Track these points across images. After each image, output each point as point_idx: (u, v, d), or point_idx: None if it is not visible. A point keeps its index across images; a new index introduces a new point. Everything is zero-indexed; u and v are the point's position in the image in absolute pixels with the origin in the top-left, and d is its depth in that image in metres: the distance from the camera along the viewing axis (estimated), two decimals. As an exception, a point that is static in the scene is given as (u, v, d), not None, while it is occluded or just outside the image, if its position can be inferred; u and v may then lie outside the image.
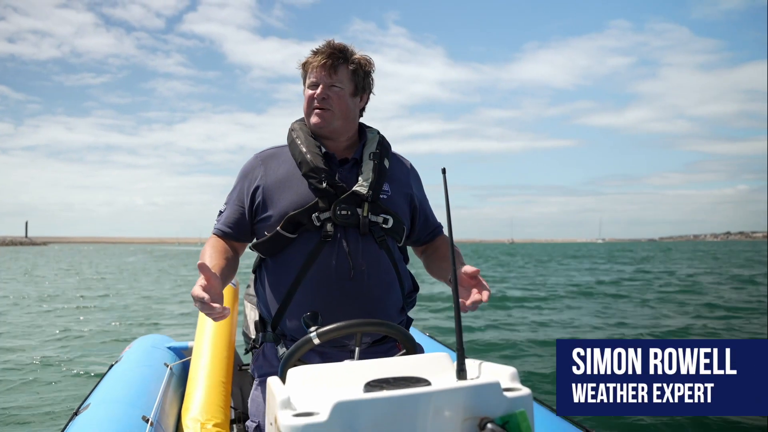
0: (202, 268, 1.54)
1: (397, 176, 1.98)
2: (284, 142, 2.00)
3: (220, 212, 1.98)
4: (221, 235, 1.94)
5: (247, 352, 3.09)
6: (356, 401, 1.02)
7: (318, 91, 1.85)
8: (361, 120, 2.03)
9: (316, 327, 1.46)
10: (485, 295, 1.54)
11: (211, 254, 1.83)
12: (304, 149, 1.87)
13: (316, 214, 1.80)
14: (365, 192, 1.82)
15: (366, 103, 1.99)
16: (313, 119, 1.88)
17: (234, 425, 2.73)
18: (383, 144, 1.98)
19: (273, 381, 1.20)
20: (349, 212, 1.80)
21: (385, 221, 1.85)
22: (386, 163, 1.93)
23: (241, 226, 1.93)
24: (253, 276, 2.10)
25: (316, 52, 1.87)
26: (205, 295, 1.49)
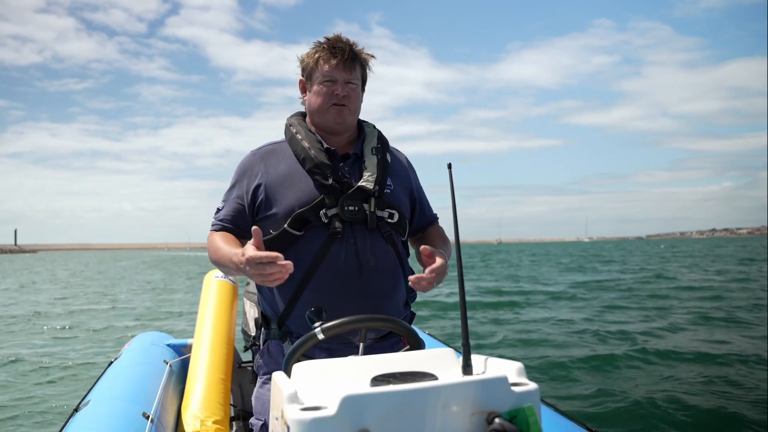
0: (256, 233, 1.55)
1: (398, 170, 1.99)
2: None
3: (218, 209, 1.96)
4: (221, 228, 1.92)
5: (246, 349, 3.06)
6: (364, 395, 1.01)
7: (338, 88, 1.85)
8: None
9: (320, 322, 1.45)
10: (434, 266, 1.66)
11: (226, 241, 1.82)
12: (306, 144, 1.86)
13: (324, 210, 1.79)
14: (371, 187, 1.82)
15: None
16: (333, 115, 1.86)
17: (233, 422, 2.72)
18: (382, 139, 1.98)
19: (278, 376, 1.19)
20: (356, 208, 1.79)
21: (391, 216, 1.86)
22: (388, 157, 1.94)
23: (241, 221, 1.91)
24: None
25: (332, 49, 1.86)
26: (263, 254, 1.50)
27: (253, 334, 2.89)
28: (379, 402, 1.02)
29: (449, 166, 1.41)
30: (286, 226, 1.80)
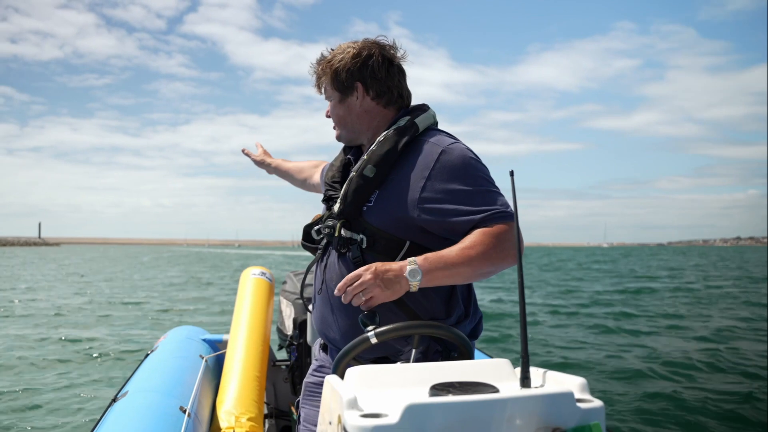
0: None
1: (400, 179, 1.64)
2: (287, 144, 2.09)
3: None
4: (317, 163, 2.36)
5: (281, 347, 3.04)
6: (428, 404, 0.99)
7: (326, 111, 1.89)
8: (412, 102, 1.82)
9: (374, 326, 1.43)
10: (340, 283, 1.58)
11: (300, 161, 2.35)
12: (334, 158, 1.94)
13: (315, 228, 1.81)
14: (337, 208, 1.71)
15: (374, 90, 1.74)
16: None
17: (266, 420, 2.72)
18: (390, 141, 1.66)
19: (333, 379, 1.17)
20: (331, 229, 1.73)
21: (362, 240, 1.65)
22: (369, 170, 1.65)
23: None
24: (290, 273, 2.13)
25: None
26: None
27: (289, 333, 2.88)
28: (443, 412, 1.00)
29: (511, 173, 1.37)
30: (301, 239, 1.89)
